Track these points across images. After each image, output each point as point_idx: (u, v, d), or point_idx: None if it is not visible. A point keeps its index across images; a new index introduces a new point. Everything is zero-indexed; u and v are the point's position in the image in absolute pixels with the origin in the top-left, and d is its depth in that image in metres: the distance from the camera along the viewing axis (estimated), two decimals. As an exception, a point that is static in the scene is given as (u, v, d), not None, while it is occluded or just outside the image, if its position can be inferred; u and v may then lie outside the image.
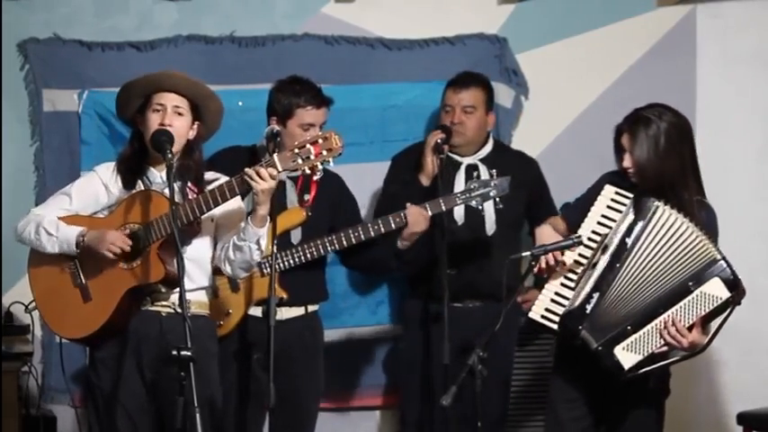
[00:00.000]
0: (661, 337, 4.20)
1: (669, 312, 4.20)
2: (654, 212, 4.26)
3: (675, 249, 4.24)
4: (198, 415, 3.95)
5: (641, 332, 4.21)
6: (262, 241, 4.35)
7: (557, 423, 4.46)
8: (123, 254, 4.37)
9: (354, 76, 5.85)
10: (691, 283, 4.19)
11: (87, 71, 5.69)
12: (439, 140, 5.22)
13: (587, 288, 4.28)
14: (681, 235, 4.24)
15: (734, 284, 4.20)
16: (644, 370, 4.22)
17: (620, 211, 4.35)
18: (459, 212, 5.35)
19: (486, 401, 4.62)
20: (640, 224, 4.27)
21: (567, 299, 4.33)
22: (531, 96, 5.95)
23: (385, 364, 5.84)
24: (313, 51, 5.81)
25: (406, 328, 5.53)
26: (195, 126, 4.49)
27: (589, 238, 4.35)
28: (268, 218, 4.34)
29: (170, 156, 4.27)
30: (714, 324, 4.24)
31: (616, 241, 4.29)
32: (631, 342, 4.21)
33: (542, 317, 4.36)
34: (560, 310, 4.33)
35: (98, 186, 4.53)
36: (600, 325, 4.24)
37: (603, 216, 4.36)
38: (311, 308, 5.18)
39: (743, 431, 5.46)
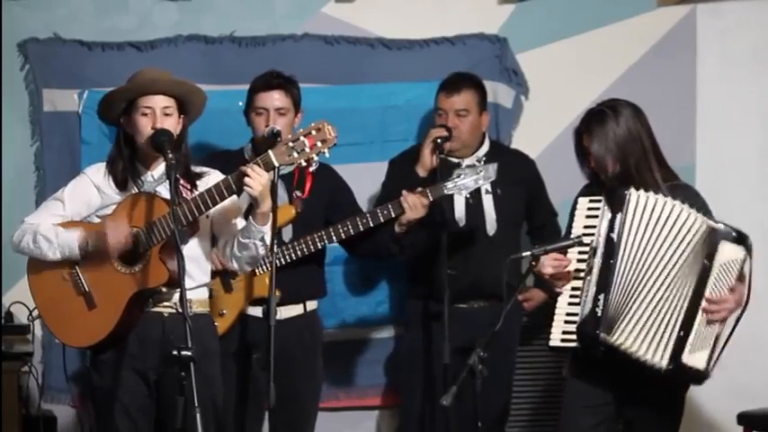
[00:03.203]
0: (712, 320, 4.20)
1: (705, 298, 4.19)
2: (628, 201, 4.25)
3: (664, 227, 4.22)
4: (198, 415, 3.95)
5: (694, 330, 4.19)
6: (266, 238, 4.35)
7: (575, 430, 4.39)
8: (125, 254, 4.36)
9: (354, 76, 5.85)
10: (706, 262, 4.19)
11: (87, 71, 5.68)
12: (439, 139, 5.22)
13: (591, 293, 4.27)
14: (663, 212, 4.22)
15: (742, 238, 4.21)
16: (717, 354, 4.22)
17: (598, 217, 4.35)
18: (459, 213, 5.35)
19: (487, 401, 4.62)
20: (619, 216, 4.26)
21: (577, 315, 4.30)
22: (531, 96, 5.95)
23: (385, 364, 5.84)
24: (313, 51, 5.81)
25: (407, 328, 5.53)
26: (180, 120, 4.45)
27: (580, 252, 4.33)
28: (270, 214, 4.33)
29: (170, 156, 4.26)
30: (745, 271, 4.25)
31: (602, 240, 4.28)
32: (692, 343, 4.19)
33: (562, 340, 4.32)
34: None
35: (89, 189, 4.49)
36: (615, 323, 4.22)
37: (586, 227, 4.34)
38: (310, 306, 5.17)
39: (743, 431, 5.46)
